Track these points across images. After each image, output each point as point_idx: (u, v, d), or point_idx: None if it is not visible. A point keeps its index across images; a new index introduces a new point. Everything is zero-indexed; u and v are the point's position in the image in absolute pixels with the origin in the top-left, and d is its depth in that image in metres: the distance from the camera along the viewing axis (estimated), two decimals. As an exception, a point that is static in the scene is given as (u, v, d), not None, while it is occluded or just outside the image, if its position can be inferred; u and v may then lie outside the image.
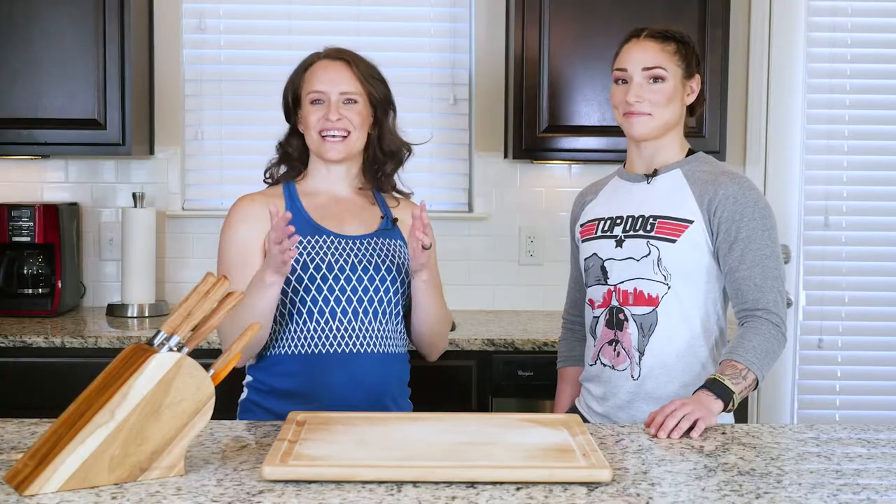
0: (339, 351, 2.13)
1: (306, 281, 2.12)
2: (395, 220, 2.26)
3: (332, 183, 2.25)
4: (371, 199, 2.28)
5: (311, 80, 2.22)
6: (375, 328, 2.15)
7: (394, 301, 2.18)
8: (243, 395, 2.24)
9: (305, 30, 3.58)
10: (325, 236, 2.17)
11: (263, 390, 2.18)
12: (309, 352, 2.13)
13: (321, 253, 2.15)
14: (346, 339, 2.13)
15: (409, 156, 2.33)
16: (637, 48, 2.18)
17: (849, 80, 3.64)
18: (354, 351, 2.13)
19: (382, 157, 2.27)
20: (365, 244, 2.19)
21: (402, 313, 2.22)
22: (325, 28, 3.58)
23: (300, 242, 2.16)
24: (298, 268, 2.13)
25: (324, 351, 2.13)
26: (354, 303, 2.14)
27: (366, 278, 2.15)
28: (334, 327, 2.13)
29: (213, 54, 3.61)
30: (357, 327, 2.13)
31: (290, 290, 2.12)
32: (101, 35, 3.21)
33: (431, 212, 3.58)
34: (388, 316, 2.18)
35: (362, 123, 2.21)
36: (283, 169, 2.31)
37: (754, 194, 2.12)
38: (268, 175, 2.32)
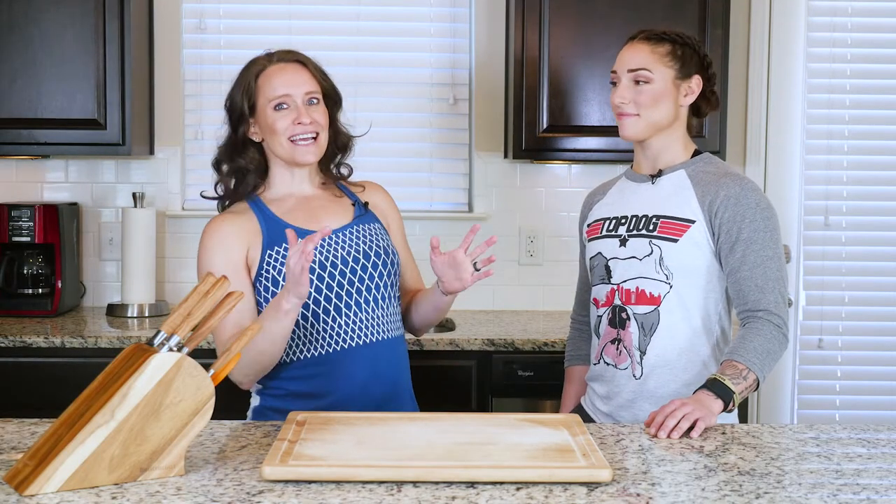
0: (353, 344, 2.12)
1: None
2: (366, 203, 2.25)
3: (296, 185, 2.21)
4: (335, 192, 2.26)
5: (269, 85, 2.14)
6: (378, 315, 2.15)
7: (388, 284, 2.18)
8: (255, 403, 2.20)
9: (305, 30, 3.58)
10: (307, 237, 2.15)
11: (280, 395, 2.15)
12: (323, 352, 2.12)
13: None
14: (356, 331, 2.12)
15: (352, 145, 2.29)
16: (626, 50, 2.21)
17: (849, 80, 3.64)
18: (364, 342, 2.13)
19: (336, 151, 2.26)
20: (347, 235, 2.17)
21: (398, 295, 2.24)
22: (325, 28, 3.58)
23: (287, 249, 2.10)
24: None
25: (337, 348, 2.11)
26: (354, 294, 2.12)
27: (358, 268, 2.13)
28: (342, 322, 2.12)
29: (213, 54, 3.61)
30: (363, 318, 2.13)
31: None
32: (101, 35, 3.21)
33: (431, 211, 3.61)
34: (386, 300, 2.17)
35: (326, 122, 2.18)
36: (233, 184, 2.20)
37: (756, 196, 2.12)
38: (226, 203, 2.21)
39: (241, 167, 2.19)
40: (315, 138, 2.14)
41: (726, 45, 3.27)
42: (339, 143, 2.26)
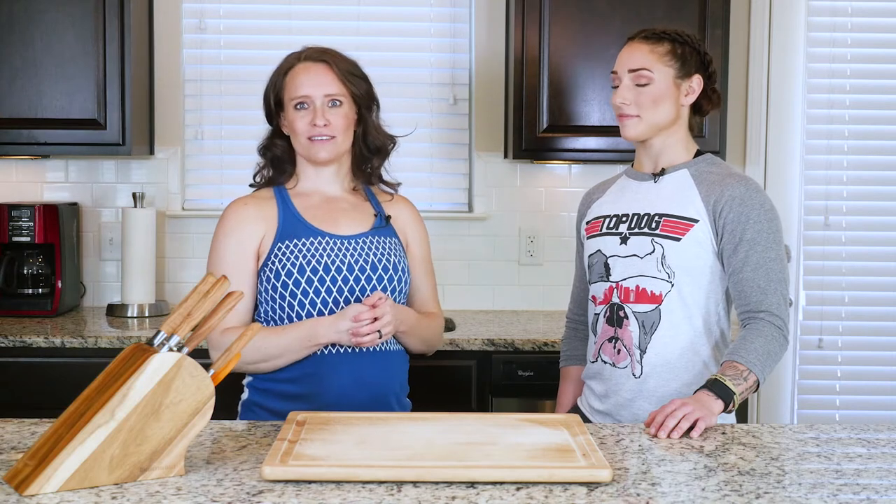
0: (343, 350, 2.13)
1: (304, 284, 2.12)
2: (388, 217, 2.27)
3: (322, 183, 2.25)
4: (363, 197, 2.29)
5: (293, 84, 2.19)
6: None
7: (392, 299, 2.19)
8: (244, 396, 2.23)
9: (305, 30, 3.58)
10: (320, 238, 2.17)
11: (265, 390, 2.18)
12: (311, 354, 2.13)
13: (318, 255, 2.14)
14: None
15: (394, 147, 2.32)
16: (626, 51, 2.21)
17: (849, 80, 3.64)
18: (356, 350, 2.13)
19: (368, 154, 2.27)
20: (360, 243, 2.19)
21: None
22: (325, 28, 3.58)
23: (297, 245, 2.15)
24: (296, 271, 2.12)
25: (326, 351, 2.13)
26: (353, 302, 2.13)
27: (363, 278, 2.15)
28: None
29: (213, 54, 3.61)
30: None
31: (287, 295, 2.12)
32: (101, 35, 3.21)
33: (431, 211, 3.61)
34: None
35: (347, 126, 2.21)
36: (270, 172, 2.29)
37: (760, 197, 2.12)
38: (257, 179, 2.30)
39: (276, 156, 2.26)
40: (332, 138, 2.18)
41: (726, 45, 3.27)
42: (370, 145, 2.27)
